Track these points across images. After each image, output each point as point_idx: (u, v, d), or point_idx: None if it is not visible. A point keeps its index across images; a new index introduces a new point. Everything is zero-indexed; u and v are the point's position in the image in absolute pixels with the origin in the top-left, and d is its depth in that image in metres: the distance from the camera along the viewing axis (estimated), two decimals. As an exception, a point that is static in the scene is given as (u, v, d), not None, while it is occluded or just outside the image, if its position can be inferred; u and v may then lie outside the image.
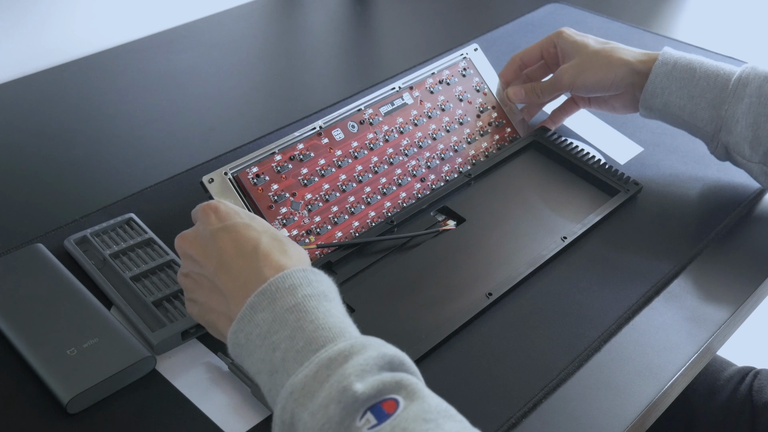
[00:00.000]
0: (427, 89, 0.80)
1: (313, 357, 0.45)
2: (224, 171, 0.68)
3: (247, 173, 0.69)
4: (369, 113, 0.76)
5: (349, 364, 0.44)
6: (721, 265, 0.73)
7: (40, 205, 0.77)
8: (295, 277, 0.50)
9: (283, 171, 0.70)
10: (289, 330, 0.47)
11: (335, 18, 1.20)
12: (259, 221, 0.56)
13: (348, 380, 0.43)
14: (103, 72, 1.01)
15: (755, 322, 0.84)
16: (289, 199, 0.69)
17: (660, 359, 0.64)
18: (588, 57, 0.79)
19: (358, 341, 0.46)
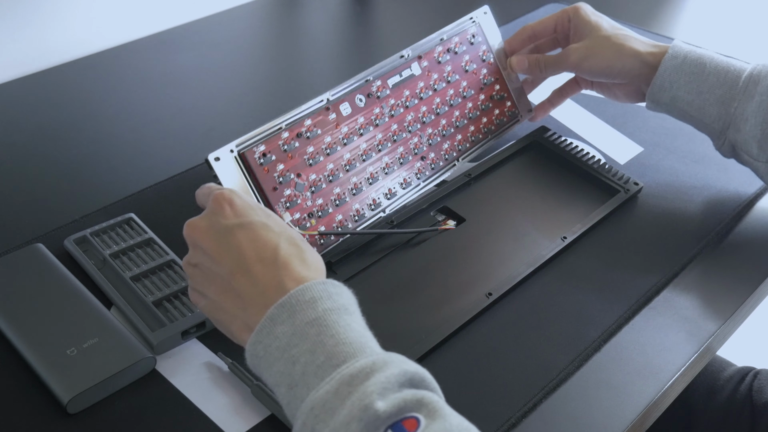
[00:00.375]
0: (435, 59, 0.78)
1: (334, 372, 0.45)
2: (230, 148, 0.66)
3: (254, 152, 0.66)
4: (377, 85, 0.74)
5: (370, 381, 0.44)
6: (721, 265, 0.73)
7: (40, 205, 0.77)
8: (315, 290, 0.49)
9: (289, 150, 0.68)
10: (310, 344, 0.47)
11: (335, 18, 1.20)
12: (275, 219, 0.55)
13: (370, 398, 0.43)
14: (103, 72, 1.01)
15: (755, 322, 0.84)
16: (294, 180, 0.68)
17: (660, 359, 0.64)
18: (599, 41, 0.77)
19: (379, 358, 0.45)
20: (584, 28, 0.79)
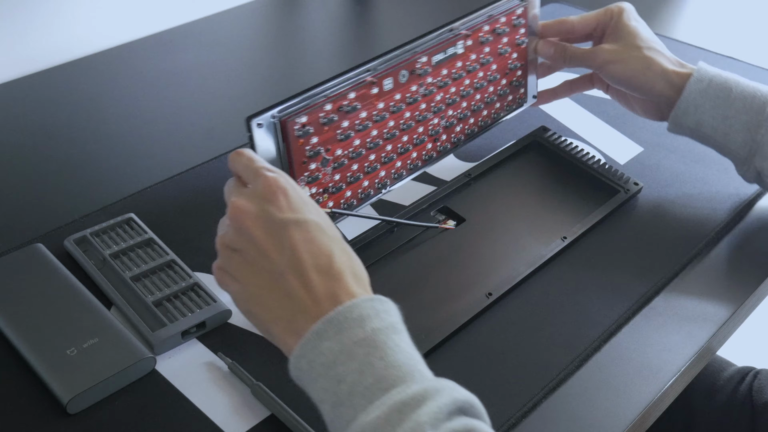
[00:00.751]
0: (478, 39, 0.76)
1: (384, 397, 0.45)
2: (272, 114, 0.62)
3: (295, 123, 0.63)
4: (422, 62, 0.71)
5: (422, 410, 0.43)
6: (721, 265, 0.73)
7: (40, 205, 0.77)
8: (364, 308, 0.48)
9: (327, 123, 0.65)
10: (357, 364, 0.46)
11: (335, 18, 1.20)
12: (326, 219, 0.53)
13: (421, 428, 0.43)
14: (104, 72, 1.01)
15: (755, 322, 0.84)
16: (322, 155, 0.66)
17: (660, 359, 0.64)
18: (630, 49, 0.76)
19: (431, 385, 0.45)
20: (621, 31, 0.77)
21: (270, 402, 0.57)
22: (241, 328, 0.64)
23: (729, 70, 1.05)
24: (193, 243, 0.71)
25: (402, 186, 0.74)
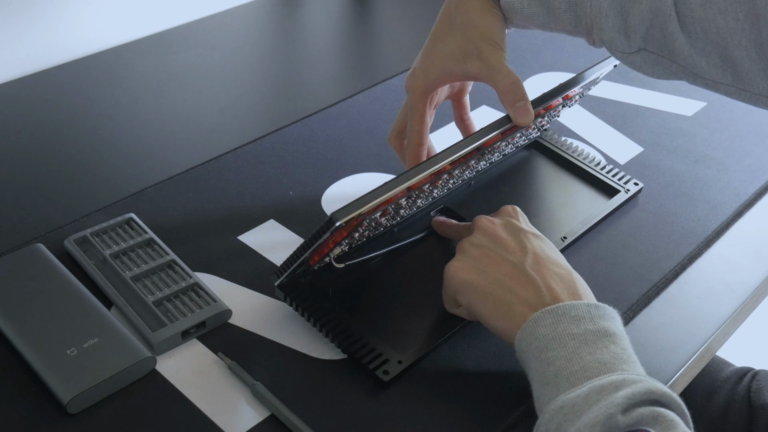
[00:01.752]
0: (539, 121, 0.74)
1: (586, 382, 0.49)
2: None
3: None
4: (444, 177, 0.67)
5: (618, 394, 0.47)
6: (721, 265, 0.73)
7: (40, 205, 0.77)
8: (582, 309, 0.54)
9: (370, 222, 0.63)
10: (567, 352, 0.51)
11: (335, 18, 1.20)
12: None
13: (615, 409, 0.46)
14: (104, 72, 1.01)
15: (754, 323, 0.84)
16: None
17: (660, 359, 0.64)
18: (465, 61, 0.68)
19: (630, 377, 0.49)
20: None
21: (270, 402, 0.57)
22: (241, 328, 0.64)
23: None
24: (193, 243, 0.71)
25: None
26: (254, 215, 0.75)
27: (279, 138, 0.86)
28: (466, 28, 0.66)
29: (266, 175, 0.81)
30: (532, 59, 1.04)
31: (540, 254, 0.59)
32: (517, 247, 0.60)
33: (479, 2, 0.66)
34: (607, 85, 0.99)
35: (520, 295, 0.56)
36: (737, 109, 0.94)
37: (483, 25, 0.66)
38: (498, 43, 0.66)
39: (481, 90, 0.97)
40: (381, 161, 0.83)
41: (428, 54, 0.69)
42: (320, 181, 0.80)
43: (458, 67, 0.67)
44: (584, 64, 1.03)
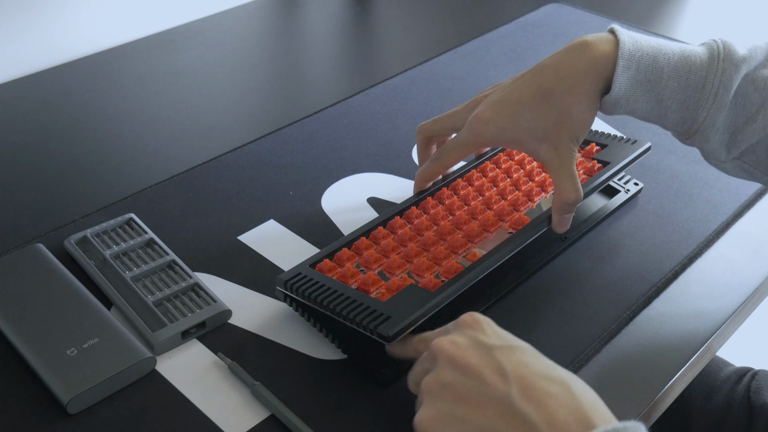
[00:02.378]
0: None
1: None
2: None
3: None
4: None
5: None
6: (721, 265, 0.73)
7: (40, 205, 0.77)
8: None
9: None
10: None
11: (335, 18, 1.20)
12: (534, 348, 0.51)
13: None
14: (104, 72, 1.01)
15: (754, 323, 0.84)
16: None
17: (660, 359, 0.64)
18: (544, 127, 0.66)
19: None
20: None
21: (270, 402, 0.57)
22: (241, 329, 0.64)
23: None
24: (193, 243, 0.71)
25: (393, 184, 0.74)
26: (254, 215, 0.75)
27: (279, 138, 0.86)
28: (561, 117, 0.62)
29: (266, 175, 0.81)
30: (532, 59, 1.04)
31: (526, 375, 0.47)
32: (496, 376, 0.47)
33: (589, 93, 0.63)
34: (607, 85, 0.99)
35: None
36: (737, 109, 0.94)
37: (579, 121, 0.63)
38: (580, 141, 0.64)
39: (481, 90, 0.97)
40: (381, 161, 0.83)
41: (511, 115, 0.64)
42: (320, 181, 0.80)
43: (532, 144, 0.64)
44: (584, 64, 1.03)
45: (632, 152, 0.75)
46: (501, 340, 0.50)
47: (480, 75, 0.99)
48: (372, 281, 0.62)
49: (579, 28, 1.12)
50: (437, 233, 0.68)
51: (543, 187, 0.74)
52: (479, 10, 1.23)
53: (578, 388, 0.46)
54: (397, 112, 0.92)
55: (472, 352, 0.49)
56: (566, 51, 0.64)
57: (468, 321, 0.51)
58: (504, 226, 0.69)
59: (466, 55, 1.04)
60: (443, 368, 0.49)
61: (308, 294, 0.61)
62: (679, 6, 1.43)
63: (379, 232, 0.68)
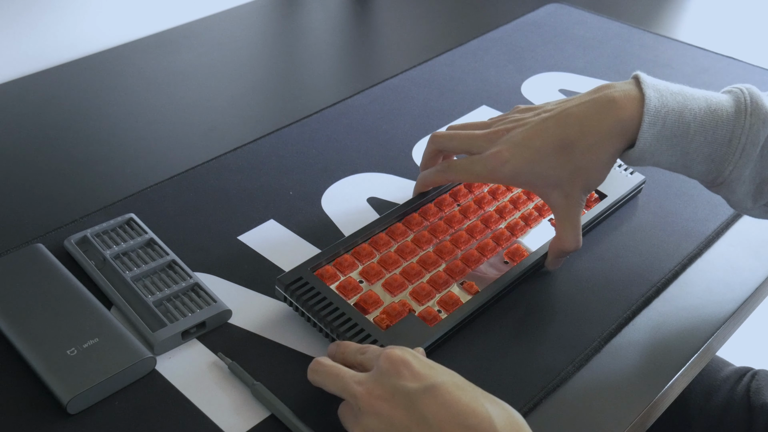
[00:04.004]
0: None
1: None
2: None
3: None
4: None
5: None
6: (721, 265, 0.73)
7: (40, 205, 0.77)
8: None
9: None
10: None
11: (335, 18, 1.20)
12: (459, 377, 0.52)
13: None
14: (103, 72, 1.01)
15: (753, 323, 0.84)
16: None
17: (660, 359, 0.64)
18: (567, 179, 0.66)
19: None
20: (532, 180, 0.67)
21: (270, 402, 0.57)
22: (241, 329, 0.64)
23: (729, 70, 1.05)
24: (194, 243, 0.71)
25: (393, 184, 0.74)
26: (254, 215, 0.75)
27: (279, 138, 0.86)
28: (578, 171, 0.63)
29: (266, 175, 0.81)
30: (532, 59, 1.04)
31: (443, 420, 0.48)
32: (417, 426, 0.49)
33: (610, 153, 0.63)
34: (607, 85, 0.99)
35: None
36: (737, 109, 0.94)
37: (595, 176, 0.64)
38: (590, 192, 0.66)
39: (481, 90, 0.97)
40: (381, 161, 0.83)
41: (529, 161, 0.64)
42: (320, 181, 0.80)
43: (544, 189, 0.65)
44: (583, 64, 1.04)
45: (629, 185, 0.77)
46: (420, 382, 0.50)
47: (480, 75, 0.99)
48: (372, 300, 0.63)
49: (579, 28, 1.12)
50: (437, 251, 0.69)
51: (540, 212, 0.74)
52: (479, 10, 1.23)
53: (501, 421, 0.48)
54: (397, 112, 0.92)
55: (394, 404, 0.50)
56: (592, 104, 0.63)
57: (385, 367, 0.52)
58: (500, 251, 0.70)
59: (466, 55, 1.04)
60: (370, 420, 0.51)
61: (307, 304, 0.62)
62: (679, 6, 1.43)
63: (380, 238, 0.69)
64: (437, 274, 0.67)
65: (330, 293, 0.63)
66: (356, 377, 0.53)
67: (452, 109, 0.92)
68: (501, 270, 0.68)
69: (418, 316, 0.63)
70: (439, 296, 0.65)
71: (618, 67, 1.03)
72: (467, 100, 0.94)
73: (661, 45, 1.09)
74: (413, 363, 0.51)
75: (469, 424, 0.48)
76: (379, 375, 0.52)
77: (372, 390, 0.51)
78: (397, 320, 0.62)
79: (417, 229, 0.71)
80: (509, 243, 0.71)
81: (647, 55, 1.06)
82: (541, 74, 1.00)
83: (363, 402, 0.51)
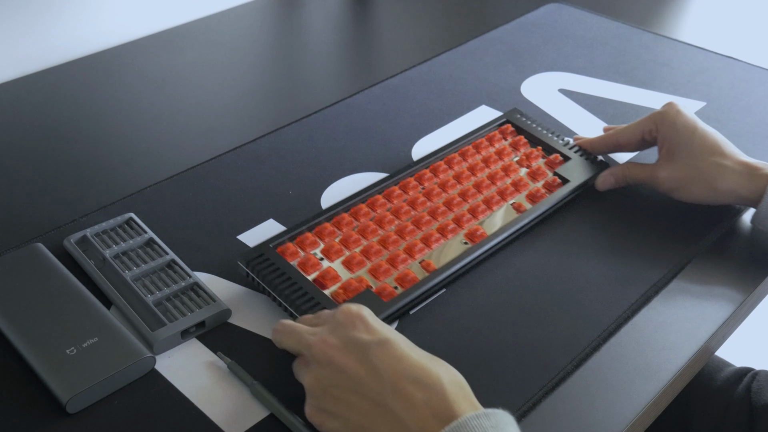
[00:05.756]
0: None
1: None
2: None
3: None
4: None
5: None
6: (721, 265, 0.73)
7: (40, 205, 0.77)
8: (472, 427, 0.47)
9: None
10: None
11: (335, 18, 1.20)
12: (407, 339, 0.54)
13: None
14: (103, 72, 1.01)
15: (753, 323, 0.84)
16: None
17: (659, 359, 0.64)
18: (690, 171, 0.73)
19: None
20: (674, 147, 0.74)
21: (269, 401, 0.57)
22: (240, 328, 0.64)
23: (729, 70, 1.05)
24: (193, 243, 0.72)
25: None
26: (254, 215, 0.75)
27: (279, 138, 0.86)
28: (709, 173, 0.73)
29: (266, 174, 0.81)
30: (532, 59, 1.04)
31: (397, 373, 0.50)
32: (371, 377, 0.51)
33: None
34: (607, 84, 0.99)
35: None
36: (737, 109, 0.94)
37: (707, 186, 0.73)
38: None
39: (481, 90, 0.97)
40: (380, 161, 0.83)
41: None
42: (320, 181, 0.80)
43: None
44: (583, 64, 1.04)
45: (591, 172, 0.79)
46: (374, 335, 0.52)
47: (480, 75, 0.99)
48: (330, 276, 0.65)
49: (579, 28, 1.12)
50: (398, 230, 0.70)
51: (503, 196, 0.75)
52: (479, 10, 1.23)
53: (447, 379, 0.50)
54: (397, 112, 0.92)
55: (347, 353, 0.52)
56: None
57: (341, 319, 0.54)
58: (460, 232, 0.71)
59: (466, 55, 1.04)
60: (322, 368, 0.53)
61: (267, 278, 0.64)
62: (679, 6, 1.42)
63: (343, 218, 0.70)
64: (396, 252, 0.68)
65: (290, 269, 0.65)
66: (311, 330, 0.55)
67: (452, 109, 0.92)
68: (460, 250, 0.69)
69: (375, 291, 0.64)
70: (396, 273, 0.66)
71: (618, 67, 1.03)
72: (467, 100, 0.94)
73: (661, 45, 1.09)
74: (368, 318, 0.54)
75: (418, 378, 0.50)
76: (334, 326, 0.54)
77: (326, 339, 0.53)
78: (353, 295, 0.64)
79: (380, 210, 0.72)
80: (469, 224, 0.72)
81: (647, 55, 1.06)
82: (540, 74, 1.00)
83: (316, 350, 0.53)
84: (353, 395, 0.51)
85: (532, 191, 0.76)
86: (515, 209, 0.74)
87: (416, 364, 0.51)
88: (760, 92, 0.98)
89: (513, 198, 0.75)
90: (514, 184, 0.76)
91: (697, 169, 0.73)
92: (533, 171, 0.79)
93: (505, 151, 0.81)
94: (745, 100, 0.96)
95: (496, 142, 0.82)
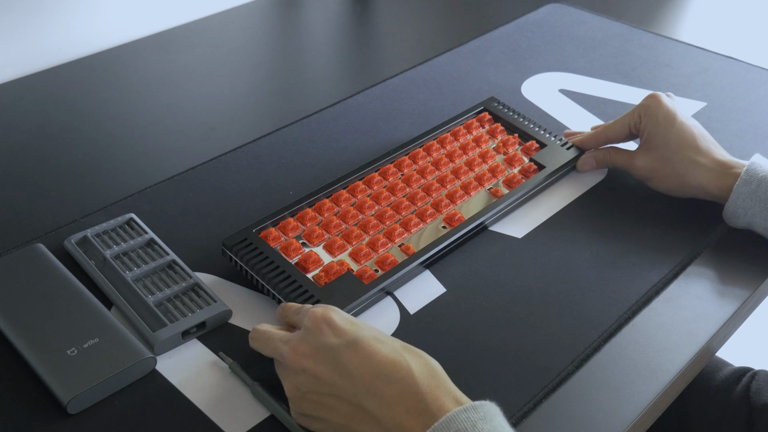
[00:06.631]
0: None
1: None
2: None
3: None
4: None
5: None
6: (721, 265, 0.73)
7: (40, 205, 0.77)
8: (460, 421, 0.48)
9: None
10: None
11: (335, 18, 1.20)
12: (379, 331, 0.54)
13: None
14: (103, 72, 1.01)
15: (753, 323, 0.84)
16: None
17: (660, 359, 0.64)
18: (663, 162, 0.75)
19: None
20: (652, 137, 0.76)
21: (269, 402, 0.57)
22: (241, 328, 0.64)
23: (729, 70, 1.05)
24: (194, 243, 0.72)
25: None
26: (254, 215, 0.75)
27: (279, 138, 0.86)
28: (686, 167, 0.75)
29: (266, 175, 0.81)
30: (532, 59, 1.04)
31: (366, 372, 0.51)
32: (344, 380, 0.52)
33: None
34: (608, 85, 0.99)
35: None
36: (737, 109, 0.94)
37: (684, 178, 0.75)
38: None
39: (481, 90, 0.97)
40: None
41: None
42: (320, 181, 0.80)
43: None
44: (583, 64, 1.04)
45: (566, 159, 0.80)
46: (341, 337, 0.53)
47: (480, 75, 0.99)
48: (312, 260, 0.66)
49: (579, 28, 1.12)
50: (378, 215, 0.72)
51: (480, 181, 0.77)
52: (479, 10, 1.23)
53: (419, 369, 0.51)
54: (397, 112, 0.92)
55: (318, 360, 0.53)
56: None
57: (308, 325, 0.54)
58: (439, 217, 0.73)
59: (466, 55, 1.04)
60: (297, 376, 0.54)
61: (250, 263, 0.65)
62: (680, 6, 1.43)
63: (324, 204, 0.72)
64: (376, 237, 0.69)
65: (272, 253, 0.66)
66: (284, 338, 0.56)
67: (452, 109, 0.92)
68: (438, 234, 0.70)
69: (355, 274, 0.65)
70: (376, 257, 0.68)
71: (618, 67, 1.03)
72: (467, 100, 0.94)
73: (661, 45, 1.09)
74: (335, 319, 0.54)
75: (389, 374, 0.51)
76: (304, 333, 0.55)
77: (297, 348, 0.54)
78: (335, 278, 0.65)
79: (360, 196, 0.73)
80: (448, 209, 0.73)
81: (647, 55, 1.06)
82: (541, 74, 1.00)
83: (289, 360, 0.54)
84: (331, 399, 0.52)
85: (509, 177, 0.78)
86: (492, 194, 0.76)
87: (385, 361, 0.51)
88: (760, 92, 0.98)
89: (490, 183, 0.77)
90: (491, 170, 0.78)
91: (670, 162, 0.75)
92: (510, 157, 0.80)
93: (483, 138, 0.82)
94: (745, 100, 0.96)
95: (474, 129, 0.83)
